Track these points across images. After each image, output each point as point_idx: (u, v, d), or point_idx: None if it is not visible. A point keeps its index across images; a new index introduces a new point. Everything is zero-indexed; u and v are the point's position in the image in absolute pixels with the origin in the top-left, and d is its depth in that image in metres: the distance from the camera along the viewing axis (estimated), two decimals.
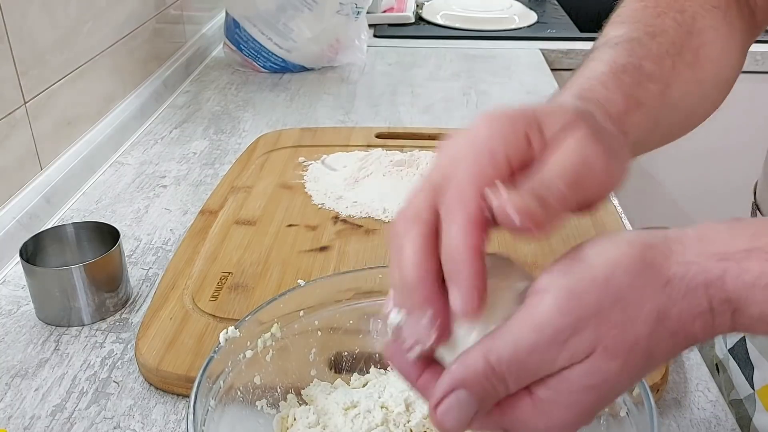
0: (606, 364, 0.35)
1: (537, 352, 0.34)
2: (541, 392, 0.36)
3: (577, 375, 0.35)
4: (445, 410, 0.36)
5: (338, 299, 0.60)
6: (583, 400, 0.35)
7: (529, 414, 0.36)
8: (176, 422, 0.60)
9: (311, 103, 1.28)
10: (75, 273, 0.68)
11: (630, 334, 0.34)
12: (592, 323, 0.34)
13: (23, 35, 0.86)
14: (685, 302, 0.35)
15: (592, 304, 0.34)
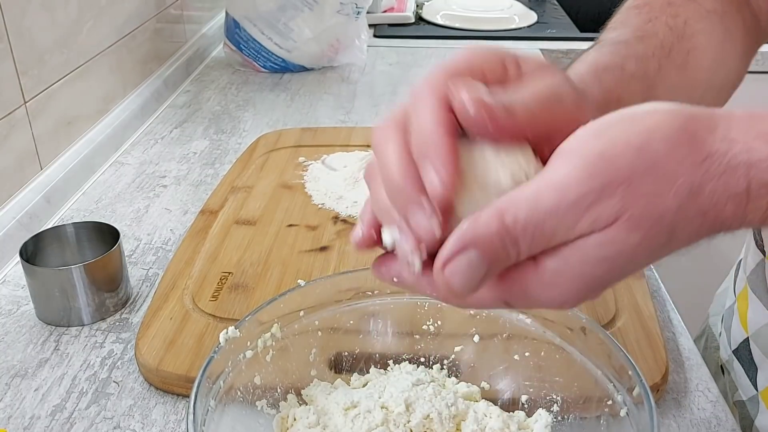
0: (626, 235, 0.32)
1: (557, 215, 0.32)
2: (549, 262, 0.34)
3: (592, 244, 0.33)
4: (453, 270, 0.34)
5: (338, 299, 0.60)
6: (593, 272, 0.33)
7: (534, 284, 0.34)
8: (176, 422, 0.60)
9: (311, 103, 1.28)
10: (75, 273, 0.68)
11: (658, 206, 0.32)
12: (620, 190, 0.32)
13: (23, 35, 0.86)
14: (721, 180, 0.32)
15: (624, 170, 0.32)
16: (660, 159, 0.32)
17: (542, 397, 0.56)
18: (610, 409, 0.51)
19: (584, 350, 0.54)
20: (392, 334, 0.62)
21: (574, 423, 0.54)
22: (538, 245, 0.33)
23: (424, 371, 0.59)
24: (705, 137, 0.32)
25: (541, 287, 0.34)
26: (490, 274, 0.34)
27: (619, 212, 0.32)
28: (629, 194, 0.32)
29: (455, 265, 0.34)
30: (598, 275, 0.33)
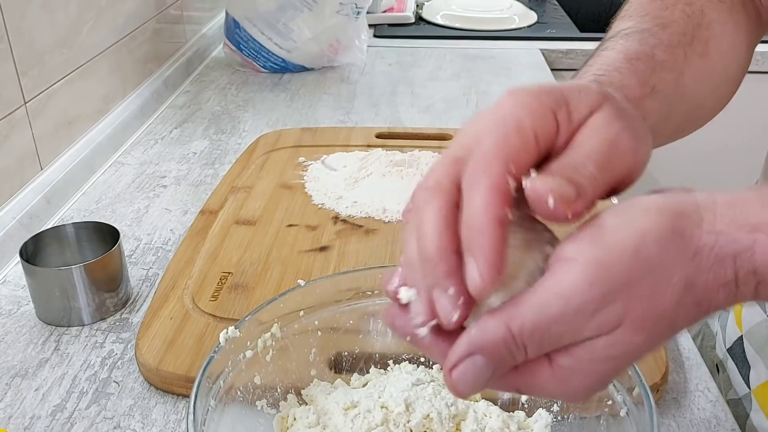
0: (632, 336, 0.34)
1: (562, 323, 0.34)
2: (562, 360, 0.35)
3: (601, 346, 0.34)
4: (460, 375, 0.35)
5: (338, 299, 0.60)
6: (603, 369, 0.35)
7: (547, 380, 0.36)
8: (176, 422, 0.60)
9: (311, 103, 1.28)
10: (75, 273, 0.68)
11: (658, 307, 0.34)
12: (621, 296, 0.33)
13: (23, 35, 0.86)
14: (712, 273, 0.34)
15: (622, 276, 0.33)
16: (654, 260, 0.34)
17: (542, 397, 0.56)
18: (610, 409, 0.51)
19: None
20: (392, 334, 0.62)
21: (574, 423, 0.54)
22: (545, 348, 0.35)
23: (424, 371, 0.59)
24: (693, 233, 0.34)
25: (555, 383, 0.36)
26: (497, 375, 0.36)
27: (622, 317, 0.34)
28: (630, 299, 0.34)
29: (462, 370, 0.35)
30: (607, 371, 0.35)
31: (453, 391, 0.36)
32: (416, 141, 1.03)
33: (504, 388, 0.37)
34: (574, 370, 0.35)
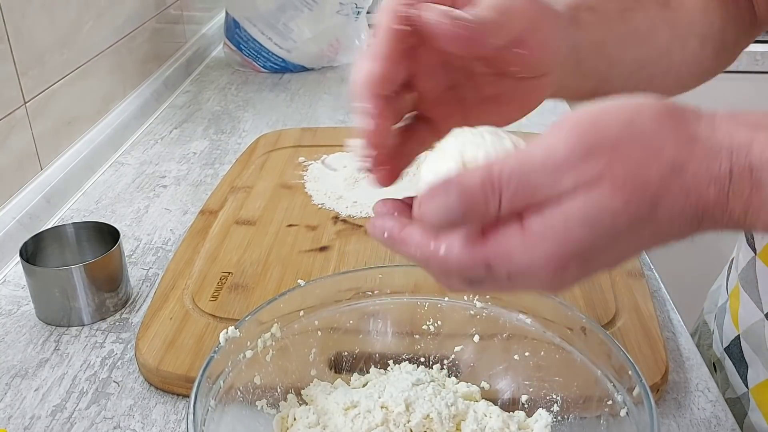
0: (609, 197, 0.33)
1: (543, 171, 0.33)
2: (534, 222, 0.33)
3: (575, 205, 0.33)
4: (431, 203, 0.34)
5: (338, 299, 0.60)
6: (575, 237, 0.33)
7: (515, 246, 0.34)
8: (176, 422, 0.60)
9: (311, 103, 1.28)
10: (75, 273, 0.68)
11: (641, 173, 0.33)
12: (606, 152, 0.33)
13: (23, 35, 0.86)
14: (705, 162, 0.33)
15: (611, 137, 0.33)
16: (647, 133, 0.33)
17: (542, 397, 0.56)
18: (610, 409, 0.51)
19: (584, 350, 0.54)
20: (392, 334, 0.62)
21: (574, 423, 0.54)
22: (521, 198, 0.33)
23: (424, 371, 0.59)
24: (690, 121, 0.34)
25: (523, 248, 0.34)
26: (467, 220, 0.34)
27: (603, 172, 0.32)
28: (615, 157, 0.33)
29: (434, 200, 0.34)
30: (579, 241, 0.33)
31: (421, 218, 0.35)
32: None
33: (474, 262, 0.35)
34: (545, 236, 0.33)
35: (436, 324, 0.61)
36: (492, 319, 0.60)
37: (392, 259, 0.77)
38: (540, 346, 0.57)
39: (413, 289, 0.62)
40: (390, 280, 0.62)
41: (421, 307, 0.62)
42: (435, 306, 0.61)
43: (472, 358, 0.60)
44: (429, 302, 0.61)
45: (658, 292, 0.76)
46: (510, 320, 0.59)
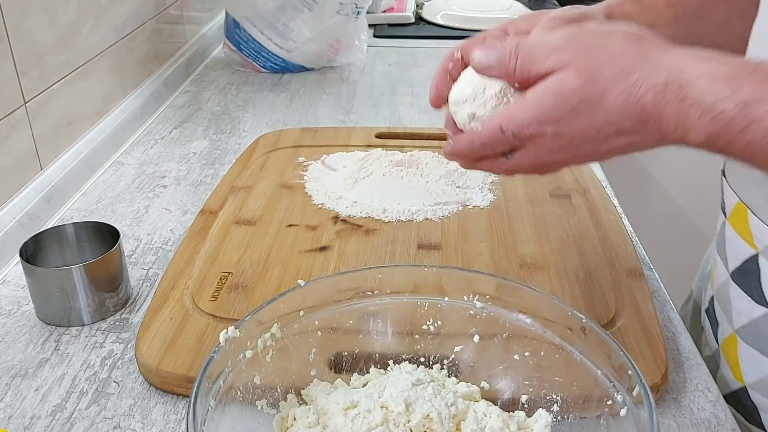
0: (572, 78, 0.48)
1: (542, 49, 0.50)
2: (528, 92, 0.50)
3: (551, 80, 0.48)
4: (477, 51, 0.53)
5: (338, 299, 0.61)
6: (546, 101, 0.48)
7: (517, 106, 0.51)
8: (176, 422, 0.60)
9: (311, 103, 1.28)
10: (75, 273, 0.68)
11: (597, 68, 0.47)
12: (578, 50, 0.48)
13: (23, 35, 0.86)
14: (648, 74, 0.46)
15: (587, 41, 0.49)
16: (613, 44, 0.48)
17: (542, 397, 0.56)
18: (610, 409, 0.51)
19: (584, 350, 0.54)
20: (392, 334, 0.62)
21: (574, 423, 0.54)
22: (525, 64, 0.50)
23: (424, 371, 0.59)
24: (649, 44, 0.47)
25: (520, 109, 0.50)
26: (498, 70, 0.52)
27: (572, 61, 0.48)
28: (582, 56, 0.48)
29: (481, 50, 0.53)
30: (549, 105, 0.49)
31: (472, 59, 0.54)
32: (416, 141, 1.03)
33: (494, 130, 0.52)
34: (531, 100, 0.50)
35: (436, 324, 0.61)
36: (492, 319, 0.60)
37: (392, 259, 0.77)
38: (540, 346, 0.57)
39: (413, 289, 0.62)
40: (390, 280, 0.62)
41: (421, 307, 0.62)
42: (435, 306, 0.61)
43: (472, 358, 0.60)
44: (429, 302, 0.61)
45: (658, 292, 0.76)
46: (510, 320, 0.59)
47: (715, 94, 0.43)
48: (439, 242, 0.80)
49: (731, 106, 0.42)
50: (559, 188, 0.91)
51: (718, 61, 0.44)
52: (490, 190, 0.91)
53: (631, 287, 0.72)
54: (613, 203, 0.89)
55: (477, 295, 0.60)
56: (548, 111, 0.48)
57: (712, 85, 0.43)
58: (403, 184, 0.91)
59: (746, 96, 0.42)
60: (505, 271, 0.75)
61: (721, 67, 0.44)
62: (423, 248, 0.79)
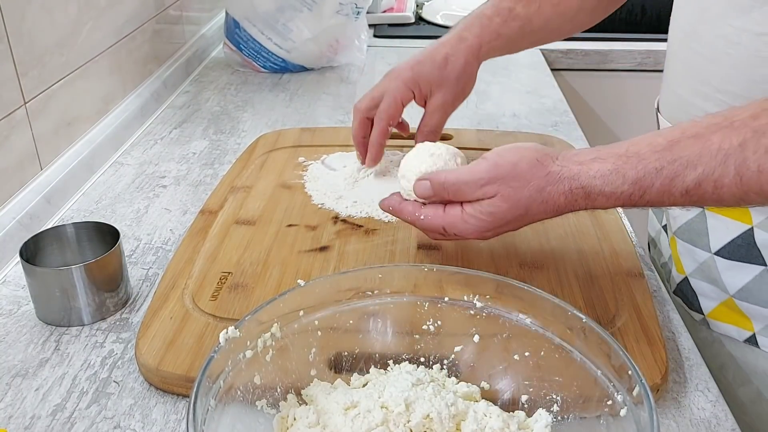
0: (500, 203, 0.63)
1: (466, 185, 0.64)
2: (467, 208, 0.65)
3: (485, 204, 0.64)
4: (419, 183, 0.68)
5: (338, 299, 0.61)
6: (486, 220, 0.64)
7: (459, 218, 0.65)
8: (176, 422, 0.60)
9: (311, 103, 1.28)
10: (75, 273, 0.68)
11: (517, 192, 0.62)
12: (499, 182, 0.63)
13: (23, 36, 0.86)
14: (555, 186, 0.61)
15: (503, 173, 0.63)
16: (523, 171, 0.62)
17: (542, 397, 0.56)
18: (610, 409, 0.51)
19: (584, 350, 0.55)
20: (392, 334, 0.62)
21: (574, 423, 0.54)
22: (456, 197, 0.66)
23: (424, 371, 0.59)
24: (549, 164, 0.62)
25: (460, 221, 0.66)
26: (436, 198, 0.67)
27: (497, 192, 0.63)
28: (503, 185, 0.63)
29: (421, 182, 0.68)
30: (486, 222, 0.64)
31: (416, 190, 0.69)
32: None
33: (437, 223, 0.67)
34: (473, 215, 0.64)
35: (436, 324, 0.61)
36: (492, 319, 0.60)
37: (392, 259, 0.77)
38: (540, 346, 0.57)
39: (413, 289, 0.62)
40: (390, 280, 0.62)
41: (421, 307, 0.62)
42: (435, 306, 0.61)
43: (472, 358, 0.60)
44: (429, 302, 0.61)
45: (658, 292, 0.76)
46: (510, 320, 0.59)
47: (612, 185, 0.58)
48: (439, 242, 0.80)
49: (626, 188, 0.58)
50: None
51: (599, 160, 0.60)
52: None
53: (631, 287, 0.72)
54: None
55: (477, 295, 0.60)
56: (486, 225, 0.65)
57: (606, 179, 0.59)
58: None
59: (633, 177, 0.57)
60: (505, 271, 0.75)
61: (604, 164, 0.59)
62: (423, 248, 0.79)
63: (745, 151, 0.53)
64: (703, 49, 0.69)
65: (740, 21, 0.65)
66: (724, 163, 0.54)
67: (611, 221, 0.84)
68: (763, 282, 0.70)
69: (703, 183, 0.55)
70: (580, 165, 0.60)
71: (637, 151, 0.58)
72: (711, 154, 0.54)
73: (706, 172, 0.54)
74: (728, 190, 0.54)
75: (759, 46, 0.64)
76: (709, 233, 0.74)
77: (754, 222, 0.70)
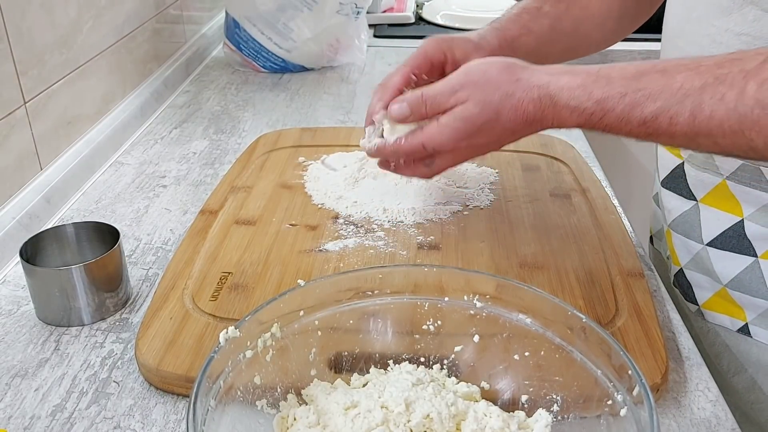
0: (472, 107, 0.65)
1: (441, 94, 0.67)
2: (441, 118, 0.67)
3: (458, 109, 0.65)
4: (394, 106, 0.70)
5: (338, 299, 0.61)
6: (457, 126, 0.66)
7: (434, 130, 0.67)
8: (176, 422, 0.60)
9: (311, 103, 1.28)
10: (75, 273, 0.68)
11: (488, 96, 0.64)
12: (470, 86, 0.65)
13: (23, 35, 0.86)
14: (524, 93, 0.63)
15: (473, 78, 0.66)
16: (493, 76, 0.65)
17: (542, 397, 0.56)
18: (610, 408, 0.51)
19: (584, 350, 0.54)
20: (392, 334, 0.62)
21: (574, 423, 0.54)
22: (433, 107, 0.67)
23: (424, 371, 0.59)
24: (520, 71, 0.64)
25: (437, 131, 0.67)
26: (413, 117, 0.69)
27: (469, 96, 0.65)
28: (475, 90, 0.65)
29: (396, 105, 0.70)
30: (459, 129, 0.66)
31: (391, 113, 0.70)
32: None
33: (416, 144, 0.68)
34: (445, 125, 0.66)
35: (436, 324, 0.61)
36: (492, 319, 0.60)
37: (392, 259, 0.77)
38: (540, 346, 0.57)
39: (413, 289, 0.62)
40: (390, 280, 0.62)
41: (421, 307, 0.62)
42: (435, 306, 0.61)
43: (472, 358, 0.60)
44: (429, 302, 0.61)
45: (657, 292, 0.76)
46: (510, 320, 0.59)
47: (577, 99, 0.60)
48: (439, 242, 0.80)
49: (590, 105, 0.60)
50: (559, 188, 0.91)
51: (570, 74, 0.62)
52: (491, 190, 0.91)
53: (631, 287, 0.72)
54: (613, 203, 0.89)
55: (477, 295, 0.60)
56: (460, 133, 0.66)
57: (572, 93, 0.60)
58: (403, 184, 0.91)
59: (598, 96, 0.59)
60: (505, 271, 0.75)
61: (574, 78, 0.61)
62: (423, 248, 0.79)
63: (703, 94, 0.55)
64: (690, 48, 0.71)
65: (722, 21, 0.67)
66: (682, 102, 0.56)
67: (611, 221, 0.84)
68: (754, 272, 0.71)
69: (659, 116, 0.57)
70: (550, 75, 0.62)
71: (607, 74, 0.60)
72: (672, 90, 0.56)
73: (664, 106, 0.57)
74: (681, 129, 0.56)
75: (739, 46, 0.66)
76: (701, 225, 0.75)
77: (744, 214, 0.71)
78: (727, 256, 0.73)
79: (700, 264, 0.77)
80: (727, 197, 0.72)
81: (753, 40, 0.65)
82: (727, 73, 0.54)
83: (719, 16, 0.67)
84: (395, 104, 0.69)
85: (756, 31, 0.65)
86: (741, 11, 0.65)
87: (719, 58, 0.56)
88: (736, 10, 0.66)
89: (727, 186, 0.72)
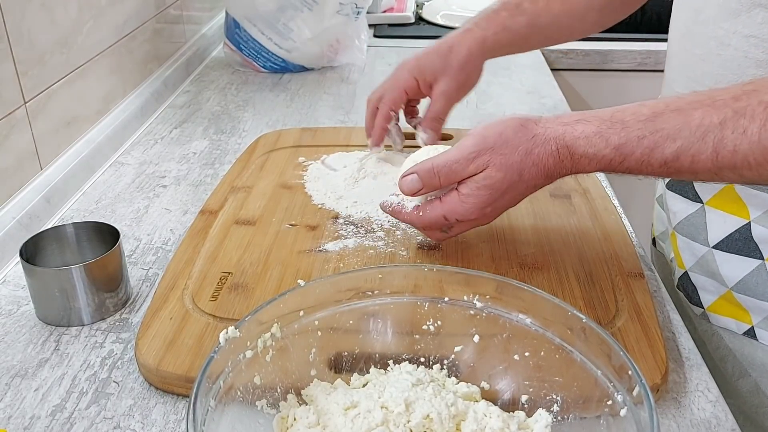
0: (494, 173, 0.65)
1: (457, 163, 0.66)
2: (462, 188, 0.66)
3: (479, 177, 0.65)
4: (404, 179, 0.69)
5: (338, 299, 0.60)
6: (483, 194, 0.65)
7: (456, 202, 0.67)
8: (176, 422, 0.60)
9: (311, 103, 1.28)
10: (75, 273, 0.68)
11: (509, 159, 0.64)
12: (488, 152, 0.65)
13: (23, 35, 0.86)
14: (542, 147, 0.64)
15: (491, 143, 0.65)
16: (510, 138, 0.64)
17: (542, 397, 0.56)
18: (610, 409, 0.51)
19: (584, 350, 0.54)
20: (392, 334, 0.62)
21: (574, 423, 0.54)
22: (448, 178, 0.67)
23: (424, 371, 0.59)
24: (533, 126, 0.65)
25: (460, 203, 0.67)
26: (426, 190, 0.68)
27: (488, 162, 0.65)
28: (494, 155, 0.65)
29: (406, 178, 0.69)
30: (484, 196, 0.66)
31: (401, 188, 0.70)
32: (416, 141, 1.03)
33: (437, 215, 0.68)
34: (469, 194, 0.66)
35: (436, 324, 0.61)
36: (492, 319, 0.60)
37: (392, 259, 0.77)
38: (540, 346, 0.57)
39: (413, 289, 0.62)
40: (390, 280, 0.62)
41: (421, 307, 0.62)
42: (435, 306, 0.61)
43: (472, 358, 0.60)
44: (429, 302, 0.61)
45: (658, 292, 0.76)
46: (510, 320, 0.59)
47: (595, 147, 0.61)
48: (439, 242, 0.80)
49: (608, 152, 0.60)
50: (559, 188, 0.91)
51: (583, 122, 0.62)
52: None
53: (631, 287, 0.72)
54: (613, 203, 0.89)
55: (477, 295, 0.60)
56: (486, 200, 0.66)
57: (589, 141, 0.61)
58: None
59: (616, 142, 0.60)
60: (505, 271, 0.75)
61: (589, 126, 0.61)
62: (423, 248, 0.79)
63: (724, 129, 0.55)
64: (697, 50, 0.71)
65: (730, 23, 0.67)
66: (703, 139, 0.55)
67: (611, 221, 0.84)
68: (761, 275, 0.71)
69: (681, 156, 0.57)
70: (565, 126, 0.63)
71: (621, 118, 0.60)
72: (691, 129, 0.56)
73: (685, 146, 0.56)
74: (704, 166, 0.56)
75: (747, 48, 0.66)
76: (707, 227, 0.75)
77: (751, 217, 0.71)
78: (733, 259, 0.73)
79: (705, 267, 0.76)
80: (734, 200, 0.72)
81: (761, 42, 0.65)
82: (746, 106, 0.54)
83: (727, 18, 0.67)
84: (405, 177, 0.69)
85: (764, 33, 0.64)
86: (749, 13, 0.65)
87: (734, 90, 0.56)
88: (744, 13, 0.65)
89: (733, 188, 0.72)
